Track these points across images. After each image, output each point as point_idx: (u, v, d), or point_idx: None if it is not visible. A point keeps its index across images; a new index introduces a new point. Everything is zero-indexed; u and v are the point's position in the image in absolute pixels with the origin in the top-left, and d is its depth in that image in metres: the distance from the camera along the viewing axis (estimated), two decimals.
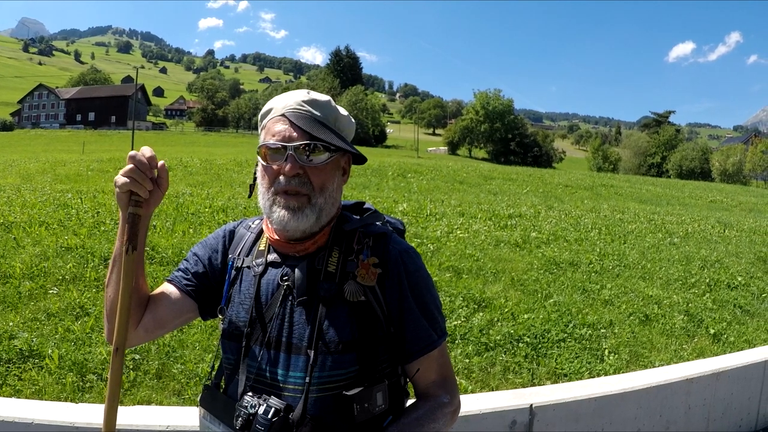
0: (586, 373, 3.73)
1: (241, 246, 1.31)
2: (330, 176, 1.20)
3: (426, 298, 1.23)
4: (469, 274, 5.12)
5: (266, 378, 1.17)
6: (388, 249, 1.22)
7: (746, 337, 4.73)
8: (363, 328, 1.16)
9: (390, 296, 1.19)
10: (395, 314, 1.20)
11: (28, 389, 2.92)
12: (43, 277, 4.08)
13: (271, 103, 1.23)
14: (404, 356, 1.22)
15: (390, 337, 1.20)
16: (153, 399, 2.97)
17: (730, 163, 51.67)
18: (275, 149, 1.17)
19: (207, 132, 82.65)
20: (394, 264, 1.20)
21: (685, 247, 7.47)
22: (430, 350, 1.22)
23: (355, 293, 1.16)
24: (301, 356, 1.15)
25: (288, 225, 1.17)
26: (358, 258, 1.20)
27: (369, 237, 1.23)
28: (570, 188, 17.06)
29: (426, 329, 1.22)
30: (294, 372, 1.15)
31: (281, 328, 1.17)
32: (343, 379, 1.14)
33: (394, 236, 1.26)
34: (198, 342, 3.47)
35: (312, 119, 1.18)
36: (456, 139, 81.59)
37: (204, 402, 1.25)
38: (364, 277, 1.18)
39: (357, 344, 1.15)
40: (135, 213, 1.13)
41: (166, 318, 1.26)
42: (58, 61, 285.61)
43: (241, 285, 1.25)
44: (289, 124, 1.17)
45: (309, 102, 1.20)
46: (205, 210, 6.81)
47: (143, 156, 1.12)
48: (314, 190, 1.17)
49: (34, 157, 20.14)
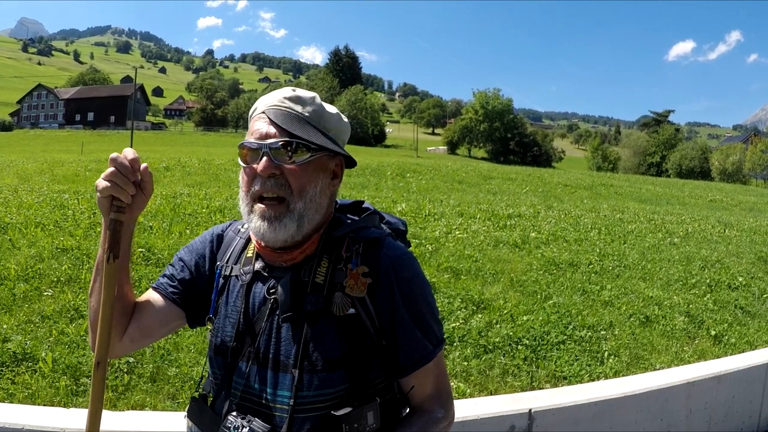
0: (585, 376, 3.69)
1: (230, 252, 1.23)
2: (311, 178, 1.10)
3: (420, 307, 1.15)
4: (468, 275, 5.08)
5: (254, 396, 1.11)
6: (379, 256, 1.13)
7: (747, 338, 4.70)
8: (352, 344, 1.09)
9: (381, 307, 1.11)
10: (387, 327, 1.12)
11: (21, 393, 2.88)
12: (38, 279, 4.04)
13: (257, 102, 1.17)
14: (398, 370, 1.15)
15: (382, 350, 1.13)
16: (147, 403, 2.93)
17: (730, 163, 51.71)
18: (252, 149, 1.10)
19: (206, 132, 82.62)
20: (384, 273, 1.12)
21: (685, 247, 7.44)
22: (425, 363, 1.15)
23: (341, 306, 1.08)
24: (287, 374, 1.09)
25: (265, 236, 1.10)
26: (347, 267, 1.12)
27: (359, 243, 1.14)
28: (569, 188, 17.03)
29: (420, 340, 1.14)
30: (281, 391, 1.09)
31: (268, 344, 1.11)
32: (331, 398, 1.08)
33: (388, 241, 1.17)
34: (193, 345, 3.43)
35: (292, 116, 1.11)
36: (455, 139, 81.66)
37: (191, 415, 1.20)
38: (353, 287, 1.10)
39: (346, 361, 1.08)
40: (117, 219, 1.08)
41: (152, 327, 1.21)
42: (57, 61, 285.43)
43: (228, 296, 1.18)
44: (267, 122, 1.10)
45: (292, 98, 1.13)
46: (202, 210, 6.77)
47: (125, 158, 1.06)
48: (292, 194, 1.08)
49: (32, 158, 20.08)
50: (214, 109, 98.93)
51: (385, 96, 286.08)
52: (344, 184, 13.77)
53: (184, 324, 1.26)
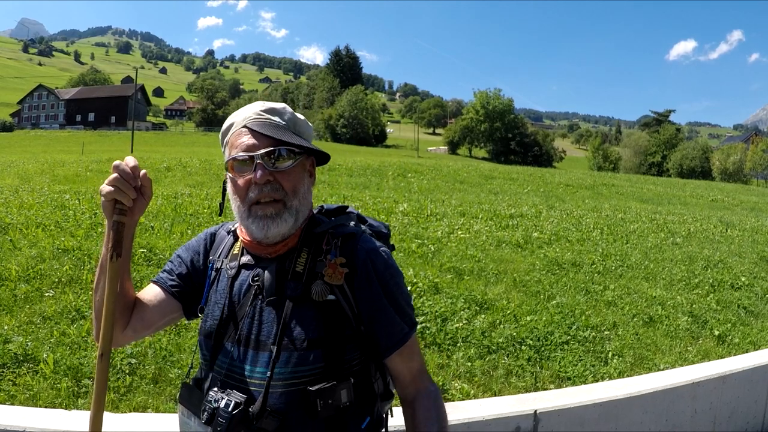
0: (590, 377, 3.67)
1: (221, 248, 1.37)
2: (299, 179, 1.25)
3: (396, 295, 1.27)
4: (471, 275, 5.06)
5: (235, 373, 1.22)
6: (356, 249, 1.26)
7: (751, 338, 4.68)
8: (329, 327, 1.20)
9: (360, 295, 1.24)
10: (366, 313, 1.24)
11: (23, 394, 2.86)
12: (39, 280, 4.02)
13: (230, 118, 1.28)
14: (381, 352, 1.26)
15: (359, 335, 1.25)
16: (149, 404, 2.91)
17: (731, 162, 51.67)
18: (242, 161, 1.21)
19: (207, 132, 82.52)
20: (362, 263, 1.25)
21: (687, 247, 7.42)
22: (404, 343, 1.27)
23: (321, 293, 1.20)
24: (265, 352, 1.20)
25: (269, 232, 1.22)
26: (326, 258, 1.24)
27: (338, 238, 1.28)
28: (571, 188, 17.01)
29: (399, 324, 1.27)
30: (259, 367, 1.19)
31: (251, 326, 1.23)
32: (307, 375, 1.18)
33: (364, 236, 1.30)
34: (195, 345, 3.41)
35: (273, 125, 1.23)
36: (456, 139, 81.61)
37: (182, 399, 1.30)
38: (331, 276, 1.22)
39: (322, 342, 1.19)
40: (119, 221, 1.18)
41: (153, 319, 1.32)
42: (57, 62, 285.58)
43: (218, 286, 1.31)
44: (251, 134, 1.22)
45: (267, 110, 1.26)
46: (203, 211, 6.76)
47: (127, 166, 1.17)
48: (288, 195, 1.22)
49: (33, 158, 20.08)
50: (215, 110, 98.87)
51: (386, 96, 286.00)
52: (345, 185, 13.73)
53: (182, 316, 1.38)
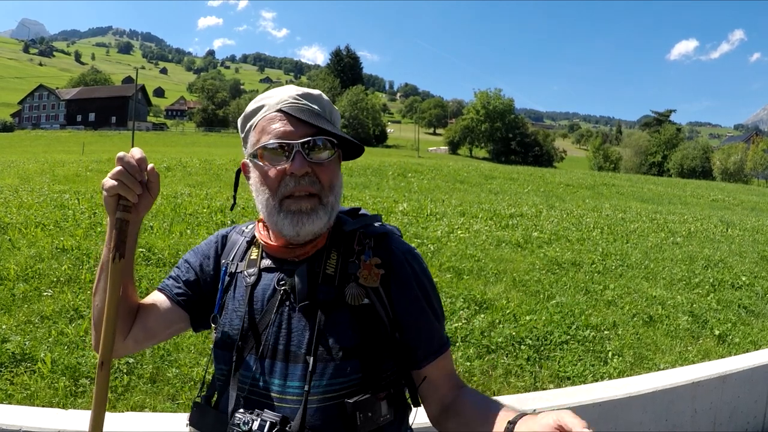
0: (589, 377, 3.66)
1: (235, 251, 1.24)
2: (336, 173, 1.13)
3: (433, 299, 1.18)
4: (470, 275, 5.05)
5: (260, 389, 1.09)
6: (391, 249, 1.16)
7: (751, 338, 4.66)
8: (366, 333, 1.09)
9: (398, 298, 1.13)
10: (403, 317, 1.13)
11: (20, 394, 2.85)
12: (38, 279, 4.02)
13: (259, 100, 1.14)
14: (418, 360, 1.15)
15: (394, 343, 1.13)
16: (147, 404, 2.90)
17: (731, 162, 51.67)
18: (275, 149, 1.08)
19: (207, 132, 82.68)
20: (400, 265, 1.14)
21: (688, 246, 7.40)
22: (446, 349, 1.18)
23: (357, 296, 1.09)
24: (299, 364, 1.07)
25: (303, 230, 1.09)
26: (360, 259, 1.13)
27: (370, 238, 1.16)
28: (571, 187, 16.99)
29: (438, 330, 1.18)
30: (292, 381, 1.07)
31: (278, 336, 1.10)
32: (344, 387, 1.07)
33: (396, 237, 1.21)
34: (193, 345, 3.41)
35: (312, 112, 1.10)
36: (456, 139, 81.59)
37: (193, 421, 1.16)
38: (367, 278, 1.11)
39: (359, 350, 1.08)
40: (123, 218, 1.06)
41: (156, 329, 1.21)
42: (58, 62, 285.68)
43: (236, 291, 1.18)
44: (288, 120, 1.08)
45: (304, 95, 1.12)
46: (203, 210, 6.75)
47: (132, 158, 1.04)
48: (324, 189, 1.10)
49: (33, 158, 20.08)
50: (216, 110, 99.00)
51: (387, 96, 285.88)
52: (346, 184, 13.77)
53: (188, 327, 1.25)
